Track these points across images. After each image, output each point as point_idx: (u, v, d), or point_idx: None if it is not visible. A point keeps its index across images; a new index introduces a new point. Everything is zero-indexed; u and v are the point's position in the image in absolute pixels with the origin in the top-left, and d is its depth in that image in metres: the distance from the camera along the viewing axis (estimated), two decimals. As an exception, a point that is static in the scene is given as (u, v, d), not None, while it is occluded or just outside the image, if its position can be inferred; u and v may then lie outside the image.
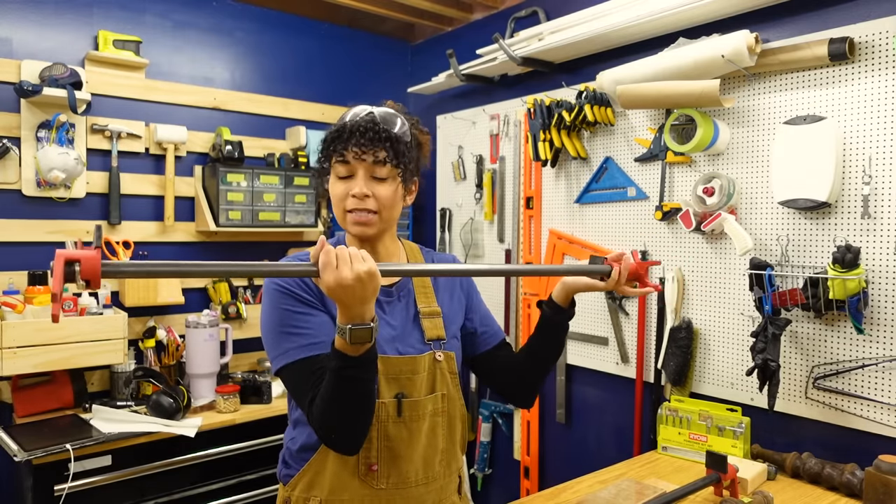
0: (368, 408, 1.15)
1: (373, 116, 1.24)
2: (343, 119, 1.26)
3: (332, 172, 1.26)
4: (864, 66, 1.74)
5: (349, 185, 1.23)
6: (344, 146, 1.22)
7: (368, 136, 1.21)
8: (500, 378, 1.45)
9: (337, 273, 1.00)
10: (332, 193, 1.26)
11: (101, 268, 0.86)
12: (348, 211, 1.24)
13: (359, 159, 1.21)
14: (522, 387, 1.44)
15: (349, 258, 1.02)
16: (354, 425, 1.15)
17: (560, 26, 2.44)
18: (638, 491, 1.64)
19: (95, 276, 0.85)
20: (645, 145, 2.28)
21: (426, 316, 1.32)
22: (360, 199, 1.22)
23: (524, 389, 1.45)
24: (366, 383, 1.11)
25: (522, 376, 1.42)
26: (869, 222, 1.74)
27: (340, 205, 1.25)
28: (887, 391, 1.70)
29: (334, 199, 1.26)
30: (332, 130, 1.25)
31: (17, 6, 2.44)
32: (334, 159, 1.24)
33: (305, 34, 3.16)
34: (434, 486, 1.30)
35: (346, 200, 1.24)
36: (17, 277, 2.39)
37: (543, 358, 1.41)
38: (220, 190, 2.69)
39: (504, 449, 2.94)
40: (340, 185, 1.24)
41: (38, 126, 2.42)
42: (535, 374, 1.42)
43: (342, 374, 1.08)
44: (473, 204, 3.03)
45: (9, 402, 2.36)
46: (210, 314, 2.58)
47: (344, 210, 1.25)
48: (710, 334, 2.11)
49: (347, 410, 1.12)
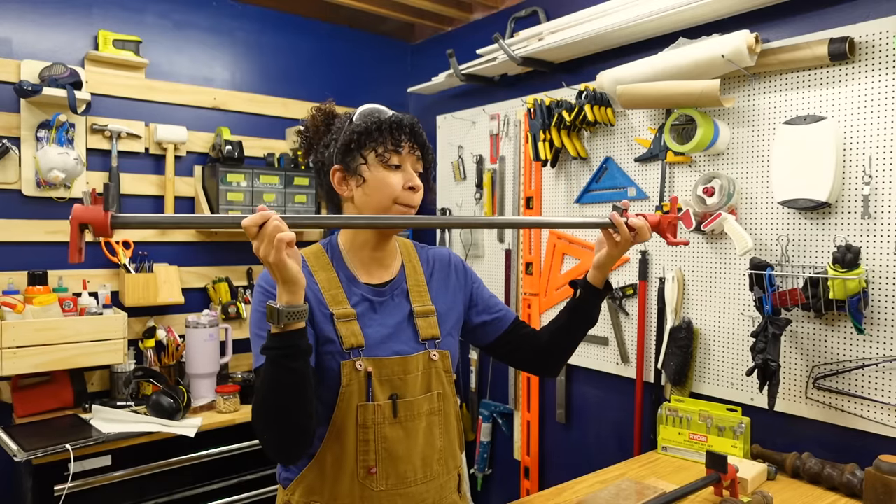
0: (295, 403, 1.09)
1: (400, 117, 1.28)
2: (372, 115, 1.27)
3: (380, 160, 1.25)
4: (864, 66, 1.74)
5: (404, 177, 1.26)
6: (399, 137, 1.26)
7: (417, 133, 1.28)
8: (525, 356, 1.47)
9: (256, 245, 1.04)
10: (380, 182, 1.25)
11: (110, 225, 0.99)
12: (398, 202, 1.26)
13: (410, 153, 1.27)
14: (555, 361, 1.47)
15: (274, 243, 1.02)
16: (280, 424, 1.10)
17: (560, 26, 2.44)
18: (638, 491, 1.64)
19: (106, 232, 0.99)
20: (645, 145, 2.28)
21: (420, 315, 1.32)
22: (417, 189, 1.27)
23: (556, 363, 1.48)
24: (291, 370, 1.08)
25: (554, 353, 1.44)
26: (869, 222, 1.74)
27: (391, 194, 1.25)
28: (887, 391, 1.70)
29: (384, 189, 1.25)
30: (375, 121, 1.26)
31: (17, 6, 2.44)
32: (388, 147, 1.25)
33: (305, 34, 3.16)
34: (433, 485, 1.29)
35: (400, 191, 1.25)
36: (17, 277, 2.39)
37: (577, 330, 1.43)
38: (220, 190, 2.69)
39: (504, 449, 2.94)
40: (395, 176, 1.26)
41: (37, 126, 2.42)
42: (570, 346, 1.45)
43: (270, 360, 1.08)
44: (473, 204, 3.03)
45: (9, 402, 2.36)
46: (210, 314, 2.58)
47: (393, 200, 1.25)
48: (710, 334, 2.11)
49: (274, 403, 1.09)
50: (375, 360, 1.23)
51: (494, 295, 1.50)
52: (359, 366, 1.22)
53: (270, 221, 1.03)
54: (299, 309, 1.07)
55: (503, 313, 1.47)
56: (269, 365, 1.08)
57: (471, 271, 1.48)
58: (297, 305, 1.07)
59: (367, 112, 1.29)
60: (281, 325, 1.06)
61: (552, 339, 1.43)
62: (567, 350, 1.45)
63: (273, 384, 1.09)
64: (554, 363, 1.48)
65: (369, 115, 1.28)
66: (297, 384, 1.09)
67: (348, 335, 1.23)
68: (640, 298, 2.30)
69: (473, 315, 1.44)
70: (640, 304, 2.30)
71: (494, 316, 1.45)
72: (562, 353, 1.45)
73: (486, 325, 1.44)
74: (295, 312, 1.06)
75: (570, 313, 1.42)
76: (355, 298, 1.28)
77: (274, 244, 1.02)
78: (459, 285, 1.43)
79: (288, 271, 1.04)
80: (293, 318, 1.06)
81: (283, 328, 1.06)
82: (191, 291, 2.80)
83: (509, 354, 1.48)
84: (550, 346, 1.44)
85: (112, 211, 0.99)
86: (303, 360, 1.10)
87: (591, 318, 1.43)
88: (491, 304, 1.46)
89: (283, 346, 1.07)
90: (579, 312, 1.42)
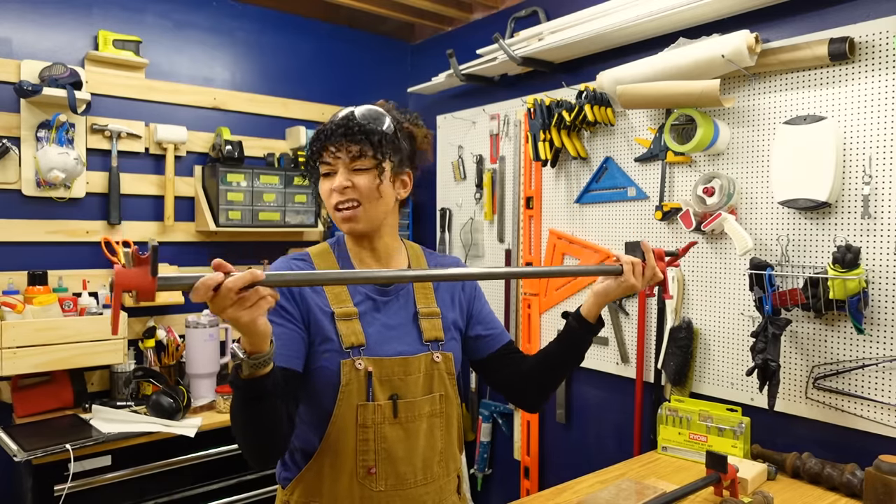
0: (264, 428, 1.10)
1: (350, 114, 1.26)
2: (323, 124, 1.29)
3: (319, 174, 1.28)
4: (864, 66, 1.74)
5: (331, 182, 1.25)
6: (322, 146, 1.25)
7: (341, 132, 1.23)
8: (509, 381, 1.42)
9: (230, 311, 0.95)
10: (321, 193, 1.28)
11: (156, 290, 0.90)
12: (335, 209, 1.26)
13: (335, 157, 1.24)
14: (533, 392, 1.41)
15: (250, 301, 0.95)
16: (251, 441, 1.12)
17: (560, 26, 2.44)
18: (638, 491, 1.64)
19: (151, 297, 0.90)
20: (645, 145, 2.28)
21: (425, 316, 1.32)
22: (340, 191, 1.24)
23: (534, 395, 1.42)
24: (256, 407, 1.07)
25: (534, 382, 1.39)
26: (869, 222, 1.74)
27: (328, 203, 1.27)
28: (887, 391, 1.70)
29: (323, 199, 1.28)
30: (312, 135, 1.28)
31: (17, 6, 2.44)
32: (315, 161, 1.27)
33: (305, 34, 3.16)
34: (433, 486, 1.29)
35: (330, 197, 1.26)
36: (17, 277, 2.39)
37: (560, 366, 1.38)
38: (220, 190, 2.69)
39: (504, 449, 2.94)
40: (325, 184, 1.27)
41: (37, 126, 2.42)
42: (549, 382, 1.40)
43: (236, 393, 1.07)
44: (473, 204, 3.03)
45: (9, 402, 2.36)
46: (210, 314, 2.58)
47: (332, 208, 1.26)
48: (710, 334, 2.11)
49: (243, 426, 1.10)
50: (376, 360, 1.23)
51: (494, 313, 1.48)
52: (358, 365, 1.22)
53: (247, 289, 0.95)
54: (265, 357, 1.02)
55: (499, 332, 1.44)
56: (237, 399, 1.08)
57: (477, 285, 1.46)
58: (262, 353, 1.02)
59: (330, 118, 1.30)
60: (243, 372, 1.04)
61: (535, 366, 1.38)
62: (545, 383, 1.40)
63: (240, 412, 1.09)
64: (533, 393, 1.41)
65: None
66: (264, 416, 1.08)
67: (348, 334, 1.23)
68: (640, 298, 2.30)
69: (470, 327, 1.41)
70: (640, 304, 2.30)
71: (490, 332, 1.42)
72: (541, 384, 1.39)
73: (480, 340, 1.41)
74: (261, 362, 1.02)
75: (558, 343, 1.37)
76: (359, 297, 1.28)
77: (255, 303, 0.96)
78: (465, 295, 1.42)
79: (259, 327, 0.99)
80: (259, 367, 1.03)
81: (250, 374, 1.04)
82: (191, 291, 2.80)
83: (493, 374, 1.43)
84: (532, 373, 1.38)
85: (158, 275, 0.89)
86: (269, 399, 1.07)
87: (578, 352, 1.37)
88: (489, 321, 1.44)
89: (250, 390, 1.05)
90: (565, 344, 1.36)
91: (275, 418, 1.10)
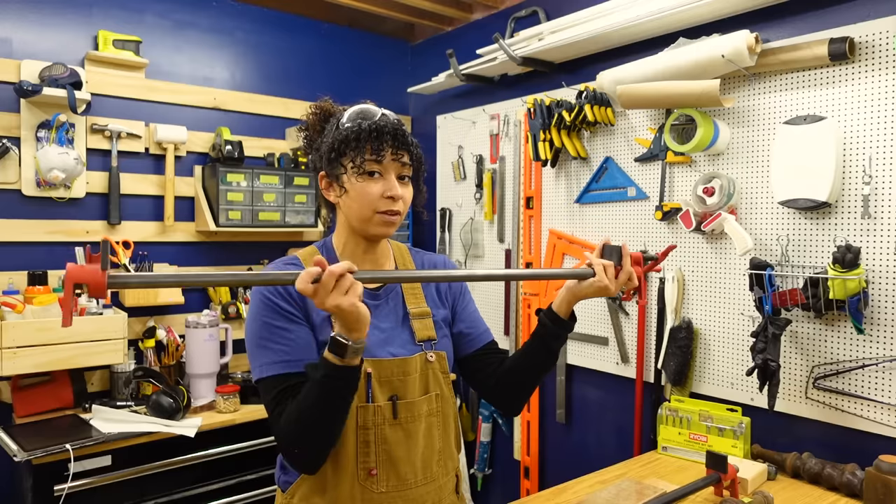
0: (337, 426, 1.16)
1: (390, 118, 1.25)
2: (358, 118, 1.24)
3: (356, 171, 1.22)
4: (864, 66, 1.74)
5: (384, 186, 1.22)
6: (378, 146, 1.21)
7: (400, 137, 1.22)
8: (486, 382, 1.40)
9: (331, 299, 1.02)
10: (359, 192, 1.22)
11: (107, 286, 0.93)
12: (380, 212, 1.22)
13: (394, 160, 1.22)
14: (509, 394, 1.39)
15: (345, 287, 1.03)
16: (319, 442, 1.15)
17: (560, 26, 2.44)
18: (638, 491, 1.64)
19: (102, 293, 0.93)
20: (645, 145, 2.28)
21: (416, 317, 1.31)
22: (396, 199, 1.22)
23: (511, 396, 1.39)
24: (344, 399, 1.12)
25: (510, 383, 1.37)
26: (869, 222, 1.74)
27: (371, 204, 1.22)
28: (887, 391, 1.70)
29: (364, 198, 1.22)
30: (355, 128, 1.22)
31: (17, 6, 2.44)
32: (365, 157, 1.21)
33: (305, 34, 3.16)
34: (433, 486, 1.29)
35: (379, 201, 1.22)
36: (17, 277, 2.39)
37: (535, 366, 1.36)
38: (219, 190, 2.68)
39: (504, 449, 2.94)
40: (374, 185, 1.21)
41: (37, 126, 2.42)
42: (525, 383, 1.37)
43: (325, 385, 1.09)
44: (473, 204, 3.03)
45: (9, 402, 2.36)
46: (210, 314, 2.58)
47: (374, 210, 1.22)
48: (710, 334, 2.11)
49: (319, 423, 1.12)
50: (375, 362, 1.23)
51: (479, 313, 1.46)
52: None
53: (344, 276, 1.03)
54: (363, 345, 1.09)
55: (480, 332, 1.42)
56: (322, 392, 1.10)
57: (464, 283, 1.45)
58: (362, 341, 1.08)
59: (354, 115, 1.25)
60: (345, 359, 1.08)
61: (511, 367, 1.36)
62: (520, 384, 1.36)
63: (322, 408, 1.11)
64: (508, 395, 1.39)
65: (355, 119, 1.24)
66: (344, 410, 1.14)
67: None
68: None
69: (453, 324, 1.40)
70: (639, 305, 2.30)
71: (471, 331, 1.40)
72: (516, 385, 1.36)
73: (462, 337, 1.40)
74: (360, 349, 1.09)
75: (530, 341, 1.35)
76: None
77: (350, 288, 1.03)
78: (451, 291, 1.41)
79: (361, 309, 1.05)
80: (358, 354, 1.09)
81: (345, 361, 1.08)
82: (191, 291, 2.80)
83: (473, 376, 1.42)
84: (508, 374, 1.37)
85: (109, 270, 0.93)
86: (355, 391, 1.14)
87: (549, 350, 1.33)
88: (472, 320, 1.42)
89: (343, 378, 1.09)
90: (536, 342, 1.34)
91: (348, 412, 1.15)
